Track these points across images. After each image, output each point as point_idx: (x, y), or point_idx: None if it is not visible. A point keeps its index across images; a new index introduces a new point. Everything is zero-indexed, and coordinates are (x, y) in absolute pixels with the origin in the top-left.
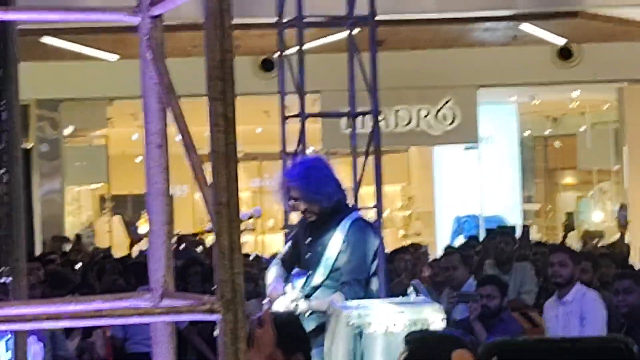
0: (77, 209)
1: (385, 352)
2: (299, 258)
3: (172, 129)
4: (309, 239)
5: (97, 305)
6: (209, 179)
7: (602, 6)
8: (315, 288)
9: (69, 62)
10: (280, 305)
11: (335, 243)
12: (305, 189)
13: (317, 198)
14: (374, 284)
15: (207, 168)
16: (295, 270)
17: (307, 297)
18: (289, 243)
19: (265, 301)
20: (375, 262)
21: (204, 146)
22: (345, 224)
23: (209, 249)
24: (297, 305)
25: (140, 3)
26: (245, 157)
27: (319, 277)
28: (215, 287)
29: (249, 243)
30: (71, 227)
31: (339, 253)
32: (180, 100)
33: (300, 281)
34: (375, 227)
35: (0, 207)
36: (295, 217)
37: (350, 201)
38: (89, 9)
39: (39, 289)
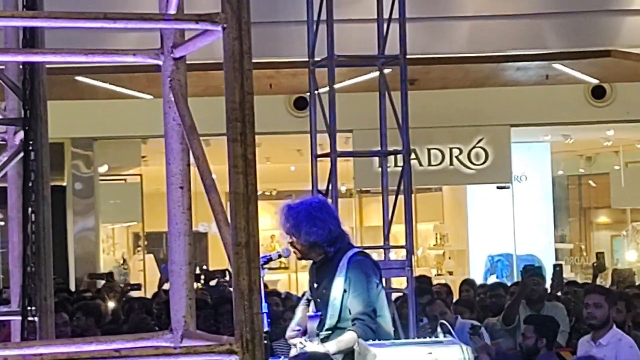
0: (111, 247)
1: None
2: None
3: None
4: (316, 283)
5: (117, 345)
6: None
7: (634, 45)
8: (330, 330)
9: (103, 100)
10: (293, 350)
11: (338, 283)
12: (286, 222)
13: (295, 233)
14: (386, 318)
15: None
16: (309, 313)
17: (323, 340)
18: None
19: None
20: (383, 294)
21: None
22: (343, 263)
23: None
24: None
25: (163, 45)
26: (278, 195)
27: (330, 319)
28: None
29: (282, 281)
30: (105, 264)
31: (343, 293)
32: (211, 139)
33: (314, 324)
34: (372, 259)
35: (29, 245)
36: None
37: (355, 243)
38: (113, 51)
39: (71, 325)
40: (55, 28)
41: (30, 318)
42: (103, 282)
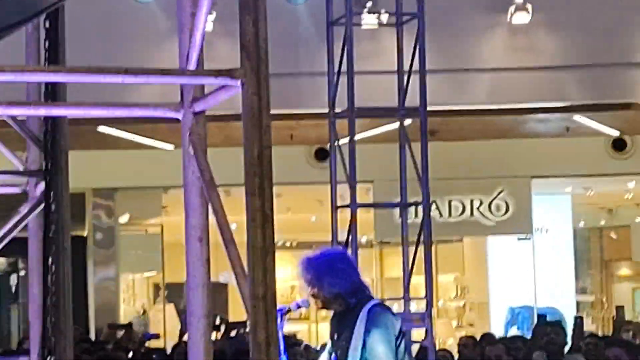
0: (132, 297)
1: None
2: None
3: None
4: (336, 335)
5: None
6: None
7: None
8: None
9: (124, 151)
10: None
11: (358, 335)
12: (309, 274)
13: (318, 284)
14: None
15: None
16: None
17: None
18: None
19: None
20: (402, 345)
21: None
22: (363, 315)
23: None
24: None
25: (182, 99)
26: (299, 245)
27: None
28: None
29: (302, 331)
30: (125, 314)
31: (363, 345)
32: (231, 189)
33: None
34: (391, 310)
35: (49, 296)
36: None
37: (375, 295)
38: (133, 104)
39: None
40: (76, 82)
41: None
42: (122, 332)
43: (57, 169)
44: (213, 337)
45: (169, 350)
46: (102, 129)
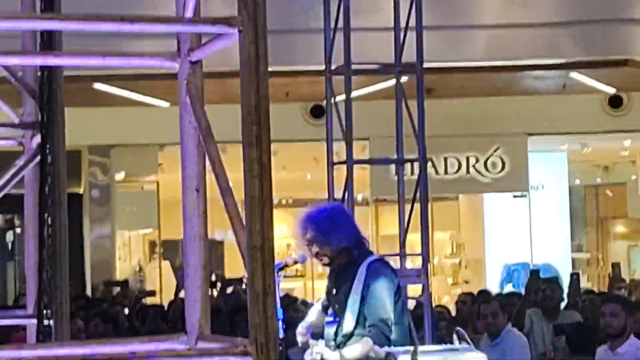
0: (127, 254)
1: None
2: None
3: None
4: (335, 289)
5: (133, 347)
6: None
7: None
8: (347, 336)
9: (120, 108)
10: (307, 358)
11: (357, 290)
12: (315, 231)
13: (326, 241)
14: (403, 325)
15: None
16: (327, 319)
17: (339, 346)
18: (324, 293)
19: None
20: (400, 302)
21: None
22: (362, 269)
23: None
24: (323, 357)
25: (179, 49)
26: (295, 203)
27: (347, 325)
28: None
29: (298, 289)
30: (121, 271)
31: (362, 299)
32: (228, 146)
33: (332, 330)
34: (392, 267)
35: (45, 249)
36: None
37: (377, 247)
38: (129, 54)
39: (87, 332)
40: (72, 30)
41: (45, 322)
42: (118, 289)
43: (53, 121)
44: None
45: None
46: (98, 86)
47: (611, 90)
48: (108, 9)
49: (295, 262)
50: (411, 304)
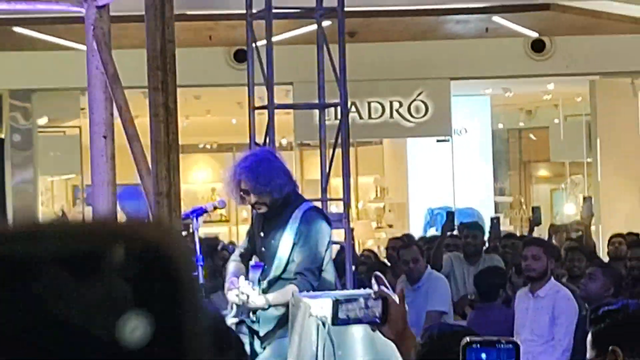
0: (50, 199)
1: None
2: (255, 252)
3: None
4: (262, 233)
5: None
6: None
7: None
8: (272, 281)
9: (41, 52)
10: (232, 298)
11: (288, 235)
12: (254, 181)
13: (267, 190)
14: (329, 273)
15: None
16: (252, 263)
17: (264, 290)
18: (246, 237)
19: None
20: (329, 251)
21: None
22: (296, 216)
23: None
24: (249, 299)
25: None
26: (219, 148)
27: (275, 270)
28: None
29: (223, 233)
30: (44, 217)
31: (292, 245)
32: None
33: (256, 275)
34: (327, 216)
35: None
36: None
37: (301, 192)
38: None
39: None
40: None
41: None
42: None
43: None
44: None
45: None
46: (18, 29)
47: (534, 34)
48: None
49: (215, 208)
50: (335, 249)
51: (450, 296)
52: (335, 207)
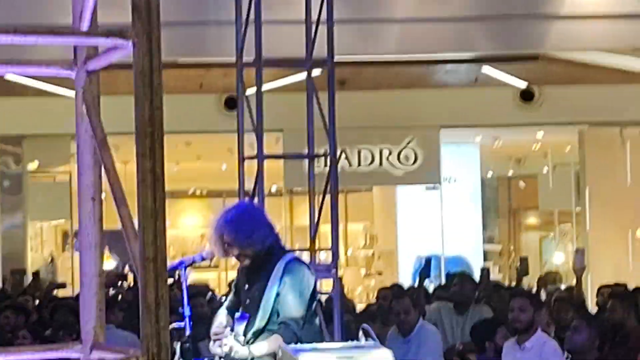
0: (39, 245)
1: None
2: (240, 304)
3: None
4: (247, 285)
5: (27, 356)
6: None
7: (562, 50)
8: (257, 333)
9: (32, 98)
10: (215, 350)
11: (272, 286)
12: (236, 234)
13: (249, 242)
14: (315, 323)
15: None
16: (237, 315)
17: (248, 342)
18: (233, 290)
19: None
20: (315, 300)
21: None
22: (279, 267)
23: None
24: (233, 350)
25: (76, 58)
26: (209, 194)
27: (259, 322)
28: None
29: (212, 279)
30: (33, 262)
31: (276, 296)
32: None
33: (242, 326)
34: (309, 266)
35: None
36: None
37: (285, 243)
38: (28, 62)
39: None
40: None
41: None
42: (30, 280)
43: None
44: (126, 285)
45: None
46: (10, 76)
47: (523, 84)
48: (5, 18)
49: (203, 259)
50: (323, 299)
51: (442, 349)
52: (325, 255)
